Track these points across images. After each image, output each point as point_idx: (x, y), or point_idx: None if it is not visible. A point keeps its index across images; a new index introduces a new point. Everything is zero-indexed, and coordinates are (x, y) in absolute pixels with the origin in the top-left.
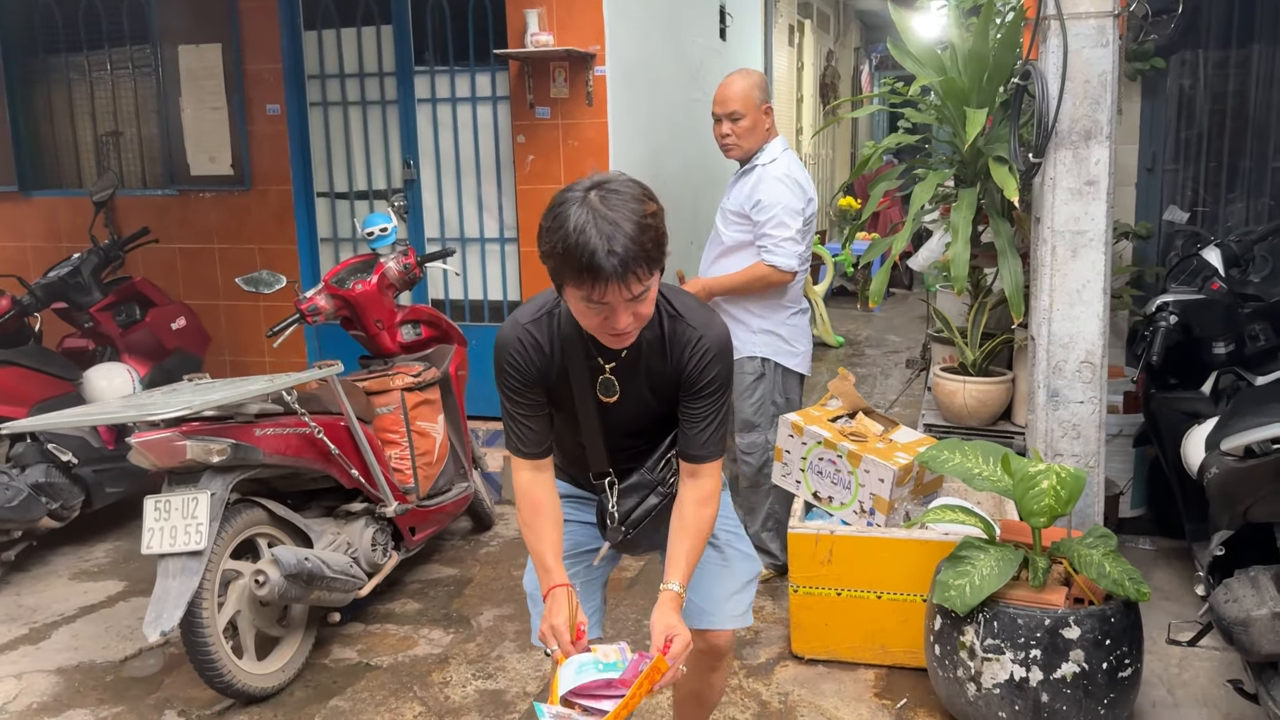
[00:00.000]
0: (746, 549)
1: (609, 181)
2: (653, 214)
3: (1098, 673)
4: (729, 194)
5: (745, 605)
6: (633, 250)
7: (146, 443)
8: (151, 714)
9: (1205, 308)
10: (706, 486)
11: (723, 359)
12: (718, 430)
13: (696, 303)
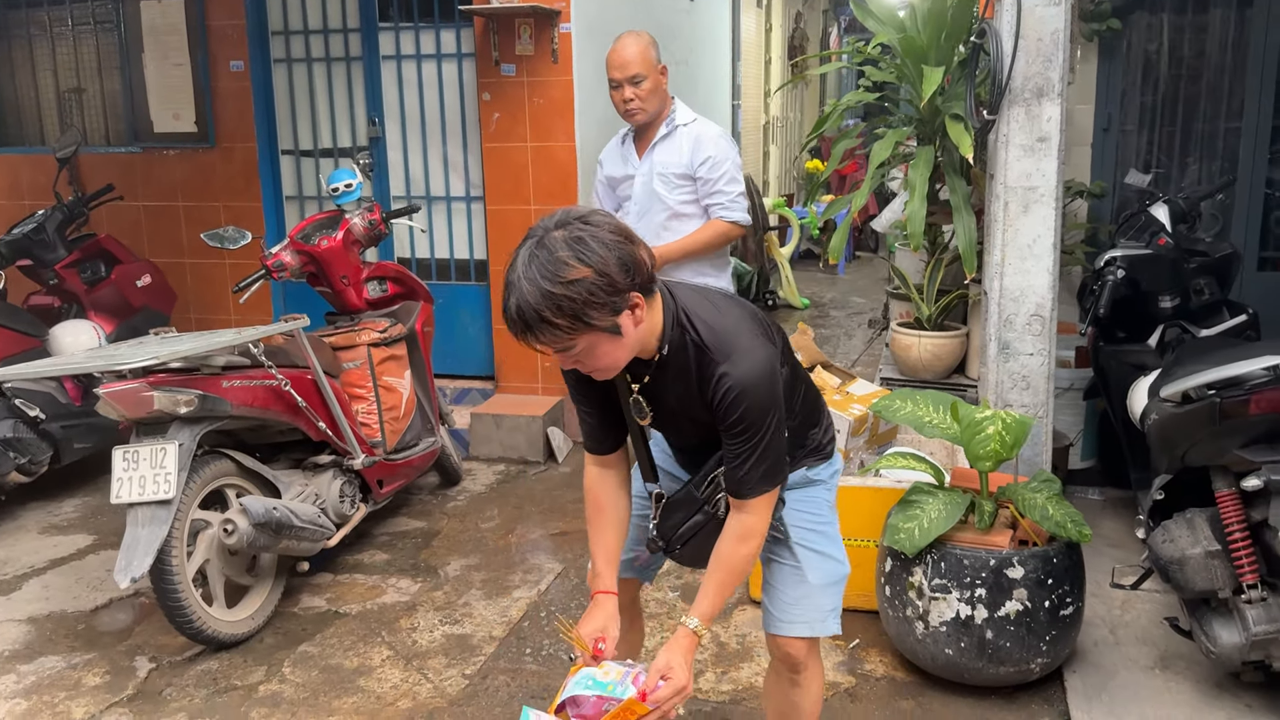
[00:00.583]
0: (828, 549)
1: (555, 233)
2: (572, 281)
3: (1040, 611)
4: (651, 158)
5: (822, 612)
6: (529, 316)
7: (114, 393)
8: (123, 660)
9: (1152, 262)
10: (747, 522)
11: (749, 397)
12: (758, 466)
13: (729, 329)
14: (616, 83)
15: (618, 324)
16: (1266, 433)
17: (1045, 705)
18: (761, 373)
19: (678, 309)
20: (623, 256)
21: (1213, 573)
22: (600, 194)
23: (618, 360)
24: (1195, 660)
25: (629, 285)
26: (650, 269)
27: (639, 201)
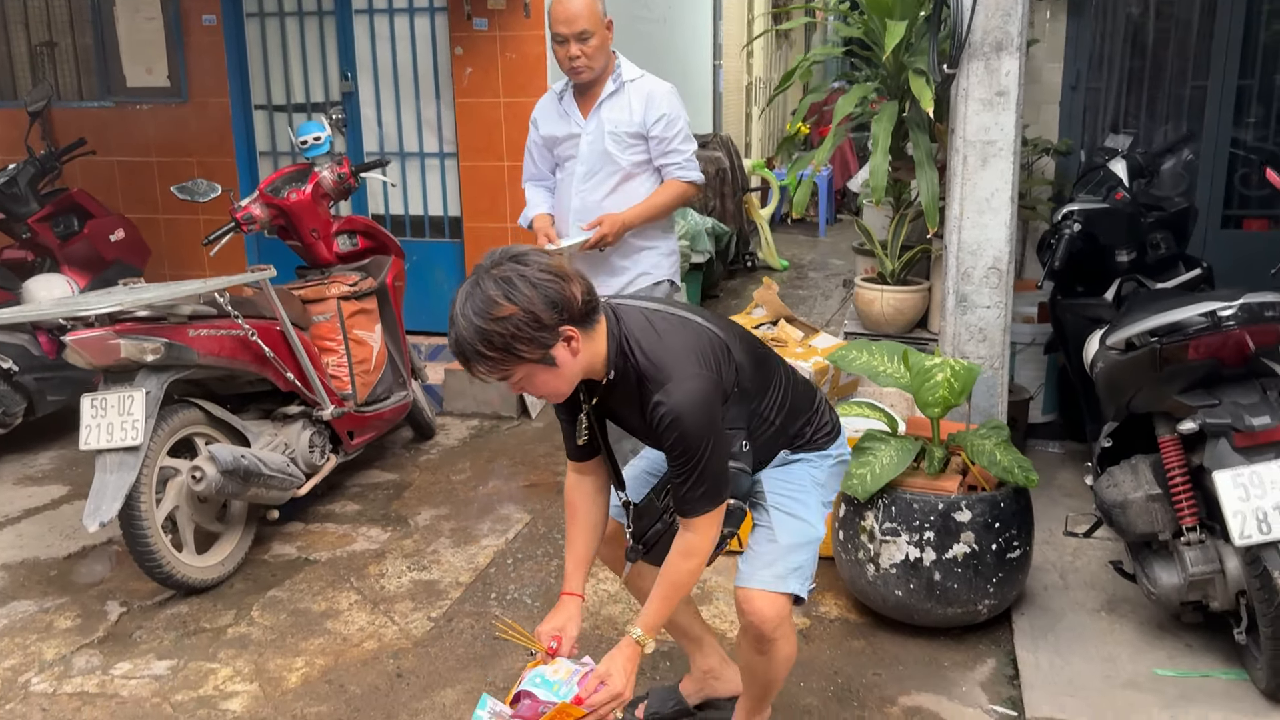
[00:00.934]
0: (800, 513)
1: (489, 272)
2: (500, 318)
3: (987, 553)
4: (599, 117)
5: (786, 569)
6: (466, 349)
7: (81, 340)
8: (94, 605)
9: (1109, 217)
10: (690, 540)
11: (681, 425)
12: (697, 487)
13: (666, 358)
14: (562, 38)
15: (550, 355)
16: (1204, 378)
17: (993, 645)
18: (695, 400)
19: (621, 335)
20: (550, 295)
21: (1154, 516)
22: (534, 155)
23: (558, 389)
24: (1140, 604)
25: (557, 321)
26: (582, 304)
27: (587, 162)
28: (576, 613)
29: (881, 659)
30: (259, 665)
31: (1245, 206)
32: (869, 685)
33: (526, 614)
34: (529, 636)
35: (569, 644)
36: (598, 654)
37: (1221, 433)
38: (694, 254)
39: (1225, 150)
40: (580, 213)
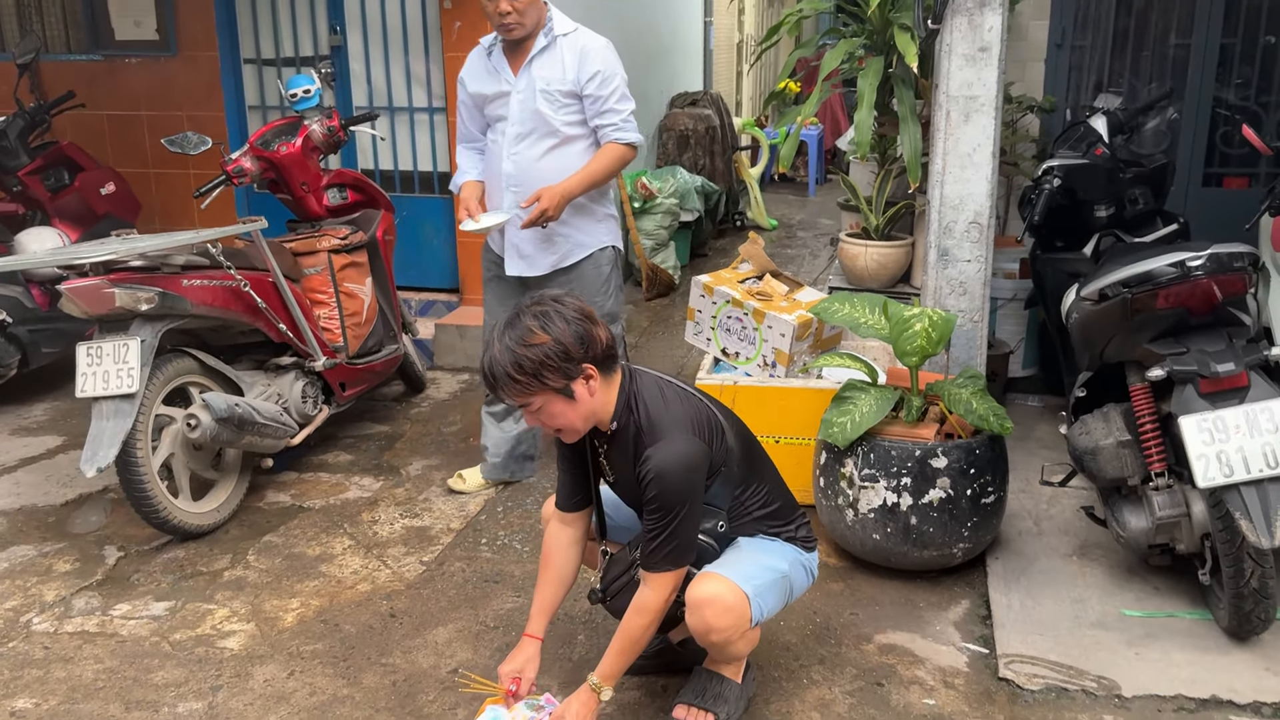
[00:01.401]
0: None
1: (529, 308)
2: (533, 345)
3: (962, 498)
4: (529, 74)
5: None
6: (497, 372)
7: (76, 289)
8: (92, 549)
9: (1088, 172)
10: (646, 597)
11: (664, 482)
12: (665, 545)
13: (665, 420)
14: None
15: (571, 388)
16: (1174, 326)
17: (967, 588)
18: (681, 463)
19: (630, 392)
20: (580, 332)
21: (1124, 461)
22: (464, 116)
23: (572, 422)
24: (1110, 548)
25: (583, 356)
26: (605, 347)
27: (519, 122)
28: (535, 654)
29: (859, 600)
30: (255, 606)
31: (1226, 165)
32: (846, 624)
33: (515, 558)
34: (490, 684)
35: (527, 684)
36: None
37: (1188, 379)
38: (683, 212)
39: (1207, 109)
40: (513, 177)
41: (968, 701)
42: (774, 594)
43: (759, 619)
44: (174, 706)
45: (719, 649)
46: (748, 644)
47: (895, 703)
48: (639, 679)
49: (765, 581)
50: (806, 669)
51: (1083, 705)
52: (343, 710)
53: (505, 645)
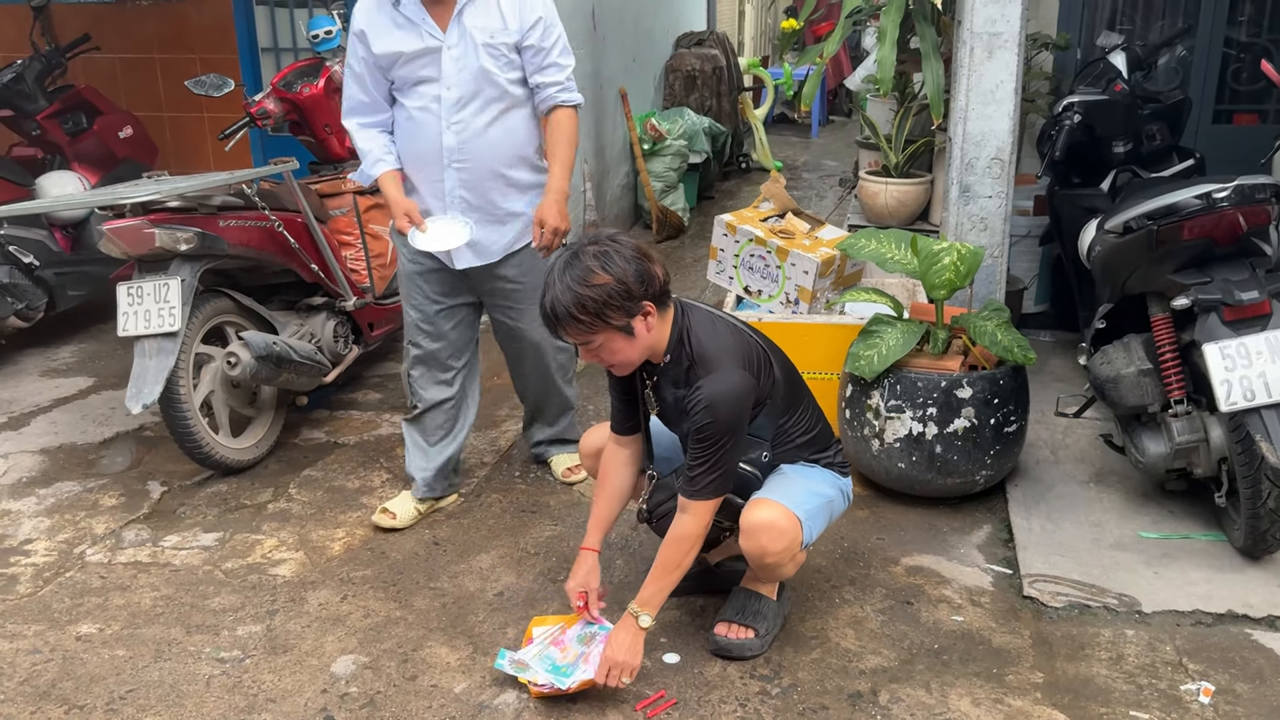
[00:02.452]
0: (817, 488)
1: (588, 248)
2: (596, 285)
3: (985, 427)
4: (462, 25)
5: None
6: (560, 312)
7: (117, 230)
8: (136, 485)
9: (1107, 108)
10: (686, 524)
11: (713, 412)
12: (708, 474)
13: (717, 353)
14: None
15: (631, 325)
16: (1197, 257)
17: (988, 513)
18: (731, 395)
19: (683, 327)
20: (640, 270)
21: (1144, 389)
22: (365, 81)
23: (630, 358)
24: (1127, 475)
25: (642, 294)
26: (662, 284)
27: (458, 85)
28: (595, 566)
29: (884, 526)
30: (302, 536)
31: (1236, 101)
32: (873, 548)
33: (550, 490)
34: (556, 618)
35: (595, 596)
36: None
37: (1212, 308)
38: (691, 154)
39: (1219, 45)
40: (455, 151)
41: (994, 618)
42: (821, 517)
43: (809, 542)
44: (233, 630)
45: (770, 570)
46: (795, 565)
47: (925, 620)
48: (679, 600)
49: (814, 506)
50: (838, 589)
51: (1105, 621)
52: (397, 630)
53: (547, 570)
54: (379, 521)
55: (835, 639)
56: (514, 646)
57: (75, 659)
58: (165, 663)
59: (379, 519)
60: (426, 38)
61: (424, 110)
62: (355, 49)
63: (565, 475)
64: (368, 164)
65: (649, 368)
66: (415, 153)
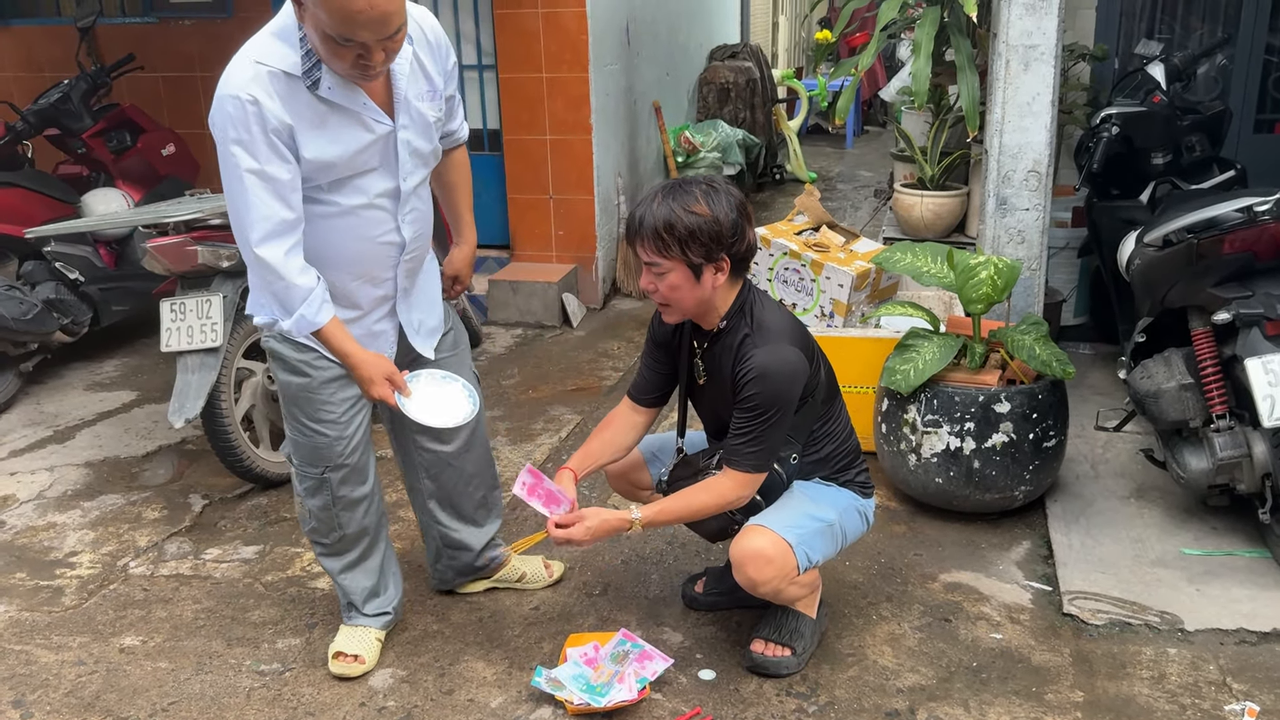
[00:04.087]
0: (822, 515)
1: (699, 183)
2: (693, 213)
3: (1024, 442)
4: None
5: (794, 533)
6: (647, 226)
7: (160, 247)
8: (178, 498)
9: (1146, 120)
10: (722, 482)
11: (765, 383)
12: (751, 446)
13: (776, 330)
14: (362, 43)
15: (702, 269)
16: (1238, 271)
17: (1027, 529)
18: (784, 368)
19: (747, 299)
20: (737, 221)
21: (1185, 404)
22: (286, 195)
23: (684, 303)
24: (1168, 491)
25: (728, 245)
26: (747, 248)
27: (414, 173)
28: (570, 482)
29: (922, 541)
30: None
31: (1278, 111)
32: (911, 564)
33: (583, 501)
34: (594, 635)
35: (567, 502)
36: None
37: (1254, 322)
38: (726, 166)
39: (1260, 54)
40: (410, 244)
41: (1034, 636)
42: (822, 541)
43: (806, 566)
44: (273, 642)
45: (771, 598)
46: (800, 589)
47: (963, 637)
48: (714, 615)
49: (810, 530)
50: (875, 606)
51: (1146, 639)
52: (434, 644)
53: (582, 584)
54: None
55: (873, 656)
56: (549, 662)
57: (119, 670)
58: (206, 675)
59: (343, 669)
60: (374, 125)
61: (370, 207)
62: (272, 150)
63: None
64: (309, 308)
65: (699, 335)
66: (353, 255)
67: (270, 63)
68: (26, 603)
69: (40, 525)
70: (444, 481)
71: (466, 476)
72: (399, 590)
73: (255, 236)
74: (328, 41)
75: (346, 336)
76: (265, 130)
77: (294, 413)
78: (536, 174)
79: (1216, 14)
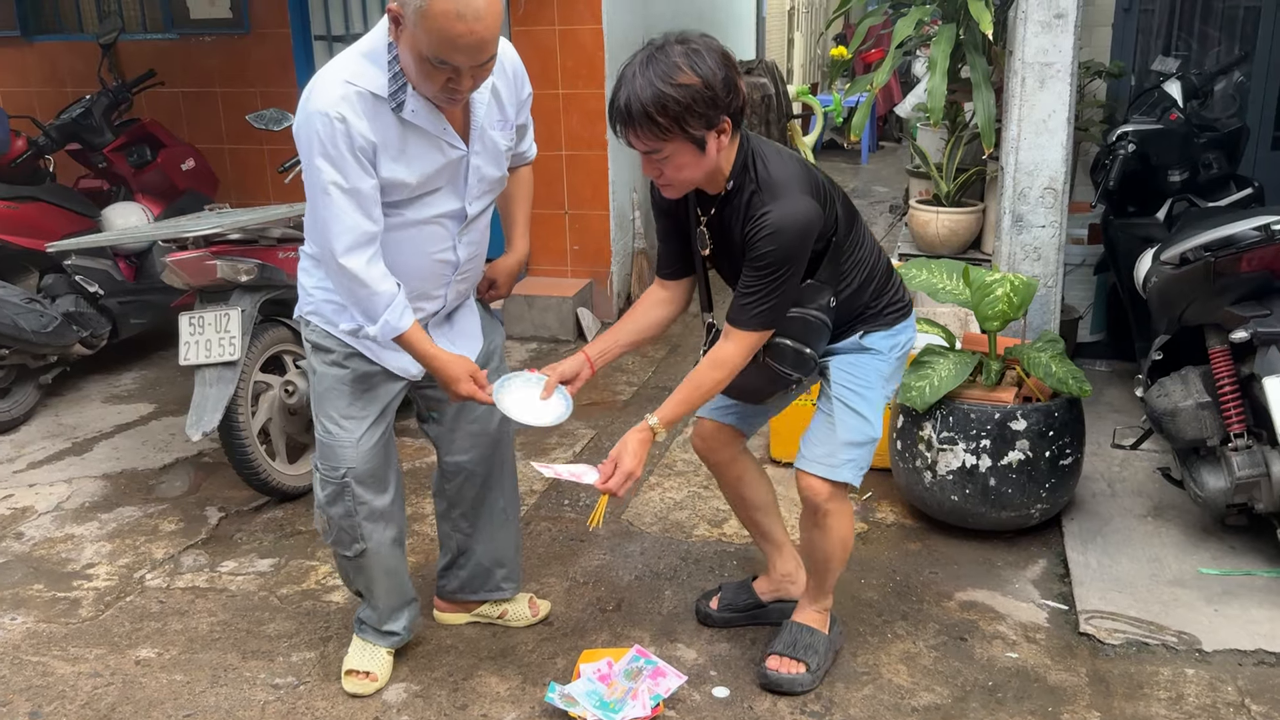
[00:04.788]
0: (862, 409)
1: (676, 44)
2: (682, 85)
3: (1041, 460)
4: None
5: (840, 460)
6: (635, 111)
7: (180, 261)
8: (194, 510)
9: (1162, 137)
10: (726, 350)
11: (777, 239)
12: (759, 304)
13: (783, 179)
14: (455, 67)
15: (705, 138)
16: (1256, 289)
17: (1043, 548)
18: (797, 221)
19: (748, 152)
20: (728, 78)
21: (1203, 423)
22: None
23: (692, 177)
24: (1185, 509)
25: (726, 106)
26: (743, 101)
27: (480, 199)
28: (583, 362)
29: (937, 559)
30: None
31: None
32: (926, 582)
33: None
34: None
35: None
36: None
37: (1272, 340)
38: None
39: (1278, 72)
40: (464, 264)
41: (1050, 655)
42: (864, 451)
43: (858, 480)
44: (288, 656)
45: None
46: (842, 538)
47: (979, 656)
48: (729, 632)
49: (853, 456)
50: (890, 624)
51: (1164, 659)
52: (448, 659)
53: (596, 599)
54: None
55: (887, 675)
56: (563, 678)
57: (135, 683)
58: (221, 688)
59: (357, 687)
60: (448, 150)
61: (432, 223)
62: (358, 165)
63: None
64: (393, 314)
65: (704, 201)
66: (410, 269)
67: (360, 83)
68: (44, 614)
69: (58, 537)
70: (466, 494)
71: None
72: (413, 614)
73: (340, 248)
74: (422, 63)
75: (427, 339)
76: (352, 148)
77: (325, 408)
78: (552, 189)
79: (1234, 31)
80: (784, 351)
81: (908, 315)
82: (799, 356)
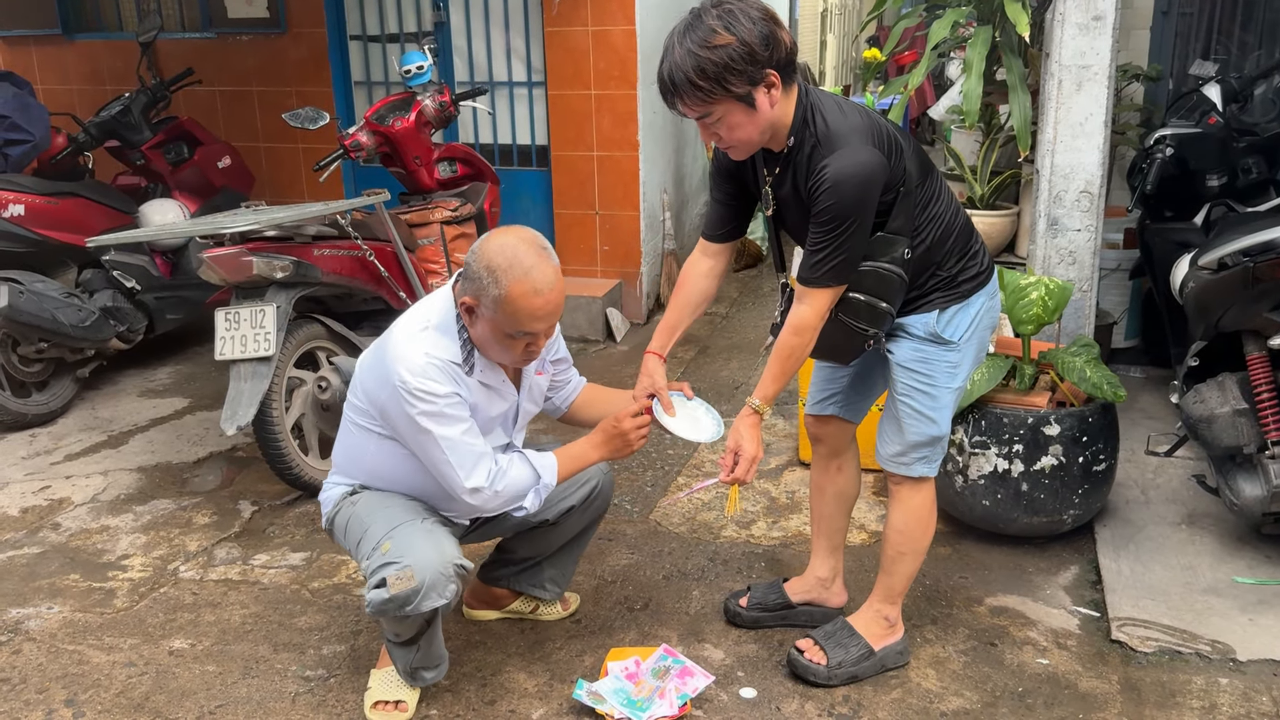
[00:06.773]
0: (929, 412)
1: (711, 8)
2: (718, 47)
3: (1074, 465)
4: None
5: (910, 459)
6: (678, 79)
7: (216, 257)
8: (227, 504)
9: (1201, 141)
10: (803, 314)
11: (837, 193)
12: (829, 259)
13: (844, 130)
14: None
15: (753, 95)
16: None
17: (1075, 554)
18: (859, 173)
19: (807, 105)
20: (765, 33)
21: (1239, 430)
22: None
23: (750, 136)
24: (1220, 517)
25: (767, 60)
26: (788, 52)
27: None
28: (658, 366)
29: (968, 564)
30: None
31: None
32: (956, 587)
33: (626, 518)
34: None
35: (663, 394)
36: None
37: None
38: None
39: None
40: None
41: (1081, 662)
42: (934, 449)
43: (932, 471)
44: (319, 649)
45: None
46: (919, 520)
47: (1009, 662)
48: (756, 633)
49: (924, 454)
50: (920, 629)
51: (1197, 668)
52: (477, 654)
53: (623, 598)
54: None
55: (916, 679)
56: (590, 675)
57: (168, 673)
58: (253, 679)
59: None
60: (508, 397)
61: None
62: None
63: None
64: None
65: (769, 160)
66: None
67: (439, 356)
68: (80, 604)
69: (94, 528)
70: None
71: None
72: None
73: (465, 483)
74: (503, 339)
75: (573, 454)
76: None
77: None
78: (583, 189)
79: (1274, 35)
80: (858, 307)
81: (985, 284)
82: (873, 311)
